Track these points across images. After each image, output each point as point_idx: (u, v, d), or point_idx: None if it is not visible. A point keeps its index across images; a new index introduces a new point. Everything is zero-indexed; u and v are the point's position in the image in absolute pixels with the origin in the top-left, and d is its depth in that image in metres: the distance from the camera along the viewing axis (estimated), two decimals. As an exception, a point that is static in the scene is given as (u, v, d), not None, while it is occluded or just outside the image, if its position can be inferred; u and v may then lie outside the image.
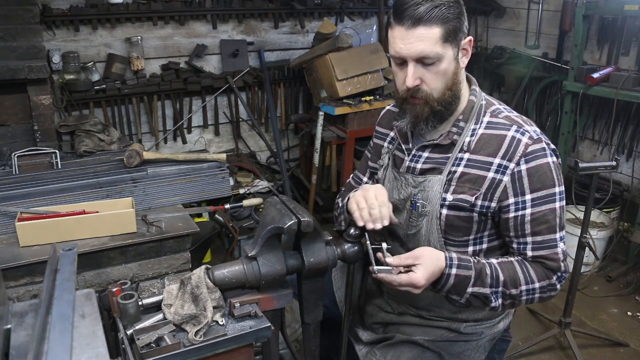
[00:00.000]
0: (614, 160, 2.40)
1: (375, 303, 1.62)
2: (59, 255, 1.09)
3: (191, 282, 1.20)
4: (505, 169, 1.31)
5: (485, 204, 1.34)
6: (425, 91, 1.32)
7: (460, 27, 1.28)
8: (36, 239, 1.96)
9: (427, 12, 1.22)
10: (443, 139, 1.38)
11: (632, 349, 2.73)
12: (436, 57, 1.26)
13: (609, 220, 3.47)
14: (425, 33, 1.24)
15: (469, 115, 1.37)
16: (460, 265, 1.30)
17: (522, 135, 1.31)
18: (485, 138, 1.35)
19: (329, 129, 3.68)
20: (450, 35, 1.26)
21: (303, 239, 1.31)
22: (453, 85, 1.33)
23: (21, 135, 2.81)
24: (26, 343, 0.96)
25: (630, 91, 3.15)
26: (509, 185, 1.31)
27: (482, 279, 1.31)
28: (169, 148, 3.77)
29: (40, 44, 2.81)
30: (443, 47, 1.26)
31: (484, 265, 1.32)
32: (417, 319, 1.54)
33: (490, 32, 4.72)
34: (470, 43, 1.33)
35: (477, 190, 1.34)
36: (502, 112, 1.39)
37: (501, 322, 1.56)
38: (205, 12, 3.59)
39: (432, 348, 1.48)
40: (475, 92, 1.40)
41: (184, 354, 1.11)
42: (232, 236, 3.21)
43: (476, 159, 1.34)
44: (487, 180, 1.33)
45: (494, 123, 1.36)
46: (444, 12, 1.23)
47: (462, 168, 1.36)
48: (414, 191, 1.42)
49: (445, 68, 1.29)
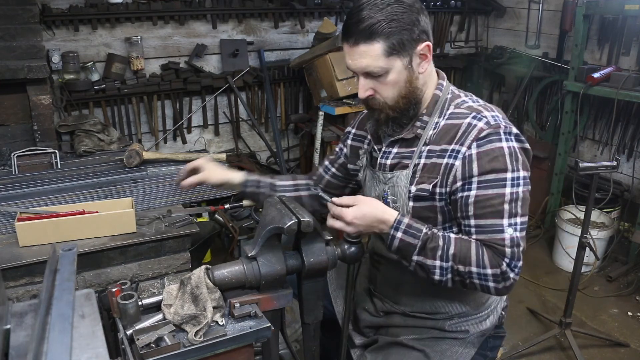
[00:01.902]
0: (614, 160, 2.40)
1: (364, 307, 1.65)
2: (59, 256, 1.09)
3: (191, 282, 1.20)
4: (457, 153, 1.32)
5: (442, 191, 1.36)
6: (379, 100, 1.38)
7: (409, 38, 1.29)
8: (36, 239, 1.96)
9: (366, 29, 1.26)
10: (407, 133, 1.42)
11: (633, 349, 2.72)
12: (381, 70, 1.30)
13: (609, 220, 3.47)
14: (367, 50, 1.28)
15: (433, 109, 1.40)
16: (408, 231, 1.31)
17: (478, 121, 1.31)
18: (445, 128, 1.36)
19: (329, 129, 3.68)
20: (394, 49, 1.28)
21: (303, 239, 1.31)
22: (408, 93, 1.36)
23: (21, 135, 2.80)
24: (26, 343, 0.96)
25: (630, 91, 3.14)
26: (459, 169, 1.31)
27: (428, 250, 1.30)
28: (168, 148, 3.77)
29: (39, 43, 2.81)
30: (387, 60, 1.29)
31: (435, 236, 1.31)
32: (402, 318, 1.55)
33: (490, 32, 4.72)
34: (429, 48, 1.33)
35: (435, 178, 1.35)
36: (466, 102, 1.39)
37: (488, 319, 1.55)
38: (205, 11, 3.58)
39: (417, 347, 1.49)
40: (442, 86, 1.42)
41: (183, 354, 1.11)
42: (232, 236, 3.21)
43: (435, 148, 1.36)
44: (442, 167, 1.34)
45: (456, 114, 1.37)
46: (384, 28, 1.26)
47: (424, 160, 1.38)
48: (384, 187, 1.47)
49: (394, 79, 1.32)
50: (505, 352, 2.62)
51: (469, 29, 4.68)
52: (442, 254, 1.29)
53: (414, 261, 1.33)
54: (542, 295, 3.21)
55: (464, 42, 4.70)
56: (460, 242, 1.30)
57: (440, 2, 4.31)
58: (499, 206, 1.28)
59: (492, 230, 1.29)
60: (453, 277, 1.31)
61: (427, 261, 1.31)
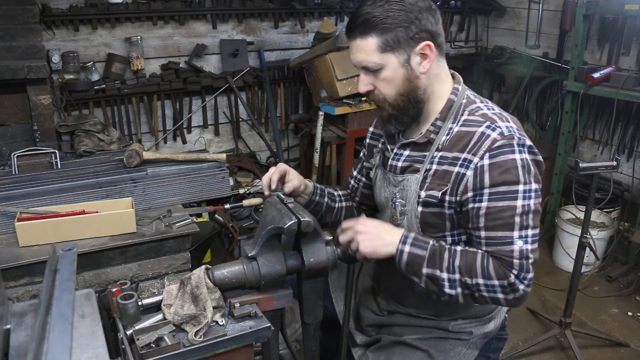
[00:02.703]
0: (614, 160, 2.40)
1: (367, 305, 1.64)
2: (59, 256, 1.09)
3: (191, 282, 1.20)
4: (469, 162, 1.31)
5: (452, 199, 1.35)
6: (378, 96, 1.40)
7: (404, 35, 1.30)
8: (36, 239, 1.96)
9: (361, 24, 1.31)
10: (420, 138, 1.42)
11: (633, 349, 2.72)
12: (376, 65, 1.33)
13: (609, 220, 3.47)
14: (362, 44, 1.32)
15: (447, 115, 1.39)
16: (415, 243, 1.32)
17: (492, 131, 1.31)
18: (458, 135, 1.36)
19: (329, 129, 3.68)
20: (389, 45, 1.30)
21: (303, 239, 1.31)
22: (408, 92, 1.36)
23: (21, 135, 2.80)
24: (26, 343, 0.96)
25: (630, 91, 3.14)
26: (470, 180, 1.31)
27: (436, 261, 1.30)
28: (168, 148, 3.77)
29: (39, 43, 2.80)
30: (382, 56, 1.31)
31: (442, 249, 1.31)
32: (406, 318, 1.55)
33: (490, 32, 4.72)
34: (430, 47, 1.33)
35: (445, 186, 1.35)
36: (480, 109, 1.38)
37: (491, 322, 1.55)
38: (205, 11, 3.59)
39: (421, 347, 1.48)
40: (457, 90, 1.41)
41: (183, 354, 1.11)
42: (232, 236, 3.21)
43: (447, 155, 1.36)
44: (453, 175, 1.34)
45: (470, 121, 1.36)
46: (378, 24, 1.29)
47: (435, 166, 1.38)
48: (394, 190, 1.47)
49: (390, 75, 1.34)
50: (505, 352, 2.62)
51: (469, 29, 4.68)
52: (449, 265, 1.29)
53: (424, 275, 1.32)
54: (542, 295, 3.21)
55: (464, 42, 4.70)
56: (466, 254, 1.31)
57: (440, 2, 4.31)
58: (509, 219, 1.28)
59: (501, 242, 1.29)
60: (463, 290, 1.31)
61: (437, 273, 1.30)
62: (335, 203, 1.73)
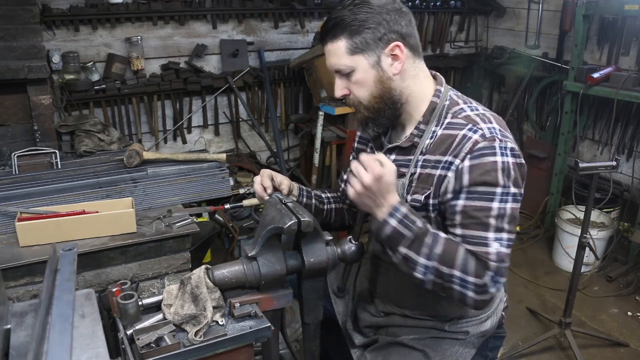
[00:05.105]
0: (614, 160, 2.40)
1: (365, 307, 1.65)
2: (59, 255, 1.09)
3: (191, 282, 1.20)
4: (450, 164, 1.31)
5: (435, 202, 1.35)
6: (353, 100, 1.41)
7: (372, 37, 1.31)
8: (36, 239, 1.96)
9: (332, 28, 1.33)
10: (405, 142, 1.42)
11: (632, 349, 2.73)
12: (347, 68, 1.34)
13: (609, 220, 3.47)
14: (332, 48, 1.35)
15: (430, 118, 1.39)
16: (403, 221, 1.28)
17: (473, 133, 1.30)
18: (441, 138, 1.35)
19: (329, 129, 3.68)
20: (357, 47, 1.31)
21: (303, 239, 1.31)
22: (382, 94, 1.36)
23: (21, 135, 2.80)
24: (26, 343, 0.96)
25: (630, 91, 3.15)
26: (451, 181, 1.30)
27: (417, 245, 1.28)
28: (169, 148, 3.77)
29: (40, 44, 2.81)
30: (352, 58, 1.33)
31: (428, 234, 1.29)
32: (402, 319, 1.55)
33: (490, 32, 4.72)
34: (399, 48, 1.32)
35: (428, 189, 1.35)
36: (463, 111, 1.37)
37: (488, 321, 1.55)
38: (205, 12, 3.59)
39: (417, 347, 1.49)
40: (440, 92, 1.41)
41: (183, 354, 1.11)
42: (232, 236, 3.21)
43: (430, 158, 1.36)
44: (436, 178, 1.34)
45: (453, 124, 1.35)
46: (347, 26, 1.30)
47: (419, 169, 1.38)
48: None
49: (361, 77, 1.35)
50: (505, 352, 2.63)
51: (469, 29, 4.68)
52: (429, 252, 1.27)
53: (400, 253, 1.30)
54: (542, 295, 3.22)
55: (463, 42, 4.70)
56: (450, 243, 1.29)
57: (440, 2, 4.31)
58: (484, 219, 1.27)
59: (478, 242, 1.27)
60: (435, 279, 1.29)
61: (412, 255, 1.28)
62: (324, 205, 1.71)
